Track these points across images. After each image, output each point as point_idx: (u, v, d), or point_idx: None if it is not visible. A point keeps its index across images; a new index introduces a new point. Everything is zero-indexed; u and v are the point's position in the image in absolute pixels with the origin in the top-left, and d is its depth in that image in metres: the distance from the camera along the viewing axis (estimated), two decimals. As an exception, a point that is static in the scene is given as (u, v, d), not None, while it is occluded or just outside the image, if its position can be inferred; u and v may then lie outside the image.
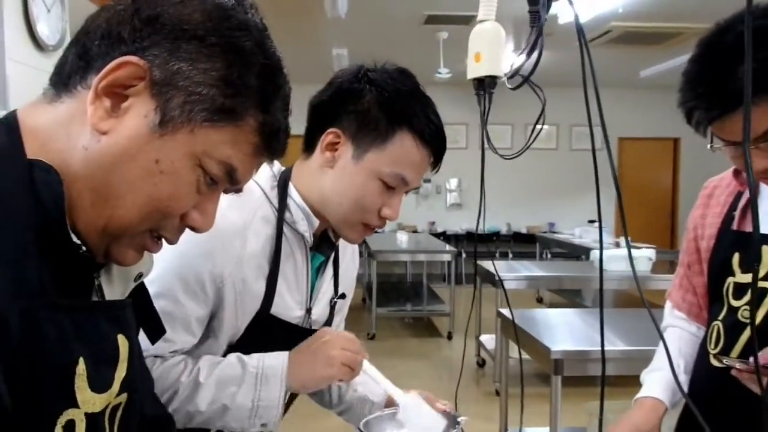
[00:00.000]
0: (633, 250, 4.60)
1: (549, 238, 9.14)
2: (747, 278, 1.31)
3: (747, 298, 1.31)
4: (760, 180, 1.26)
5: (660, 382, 1.45)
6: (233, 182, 0.76)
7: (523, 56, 1.10)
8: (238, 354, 1.20)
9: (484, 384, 5.57)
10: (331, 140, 1.20)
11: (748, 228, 1.33)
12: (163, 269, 1.13)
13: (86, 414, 0.69)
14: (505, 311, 3.76)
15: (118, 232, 0.70)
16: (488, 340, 5.63)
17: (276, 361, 1.19)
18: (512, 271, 5.61)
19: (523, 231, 10.66)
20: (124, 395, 0.78)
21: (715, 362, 1.34)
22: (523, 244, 10.27)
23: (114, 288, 0.80)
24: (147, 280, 1.04)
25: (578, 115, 9.97)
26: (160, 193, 0.69)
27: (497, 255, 10.05)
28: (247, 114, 0.73)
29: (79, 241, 0.69)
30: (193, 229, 0.76)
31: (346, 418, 1.52)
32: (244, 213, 1.20)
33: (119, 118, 0.68)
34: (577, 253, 7.91)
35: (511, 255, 10.07)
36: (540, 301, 8.72)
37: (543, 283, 6.39)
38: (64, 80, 0.70)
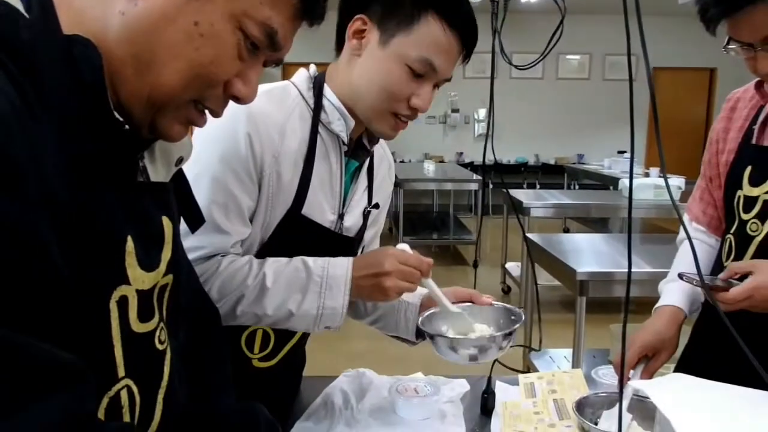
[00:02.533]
0: (660, 179, 4.57)
1: (577, 169, 9.07)
2: (755, 192, 1.32)
3: (755, 211, 1.31)
4: None
5: (678, 291, 1.47)
6: (274, 46, 0.75)
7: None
8: (303, 258, 1.22)
9: (509, 310, 5.64)
10: (358, 27, 1.19)
11: (767, 142, 1.33)
12: (210, 160, 1.16)
13: (137, 291, 0.72)
14: (532, 235, 3.78)
15: (163, 101, 0.70)
16: (514, 267, 5.68)
17: (340, 270, 1.20)
18: (539, 200, 5.61)
19: (552, 162, 10.57)
20: (170, 276, 0.81)
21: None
22: (551, 175, 10.20)
23: (158, 171, 0.81)
24: (193, 173, 1.07)
25: (611, 44, 9.73)
26: (201, 57, 0.69)
27: (525, 186, 10.00)
28: None
29: (122, 119, 0.69)
30: (236, 99, 0.75)
31: (380, 326, 1.53)
32: (282, 109, 1.22)
33: None
34: (605, 183, 7.86)
35: (538, 186, 10.02)
36: (566, 231, 8.72)
37: (570, 212, 6.36)
38: None
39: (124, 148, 0.72)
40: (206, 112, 0.76)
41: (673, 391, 1.00)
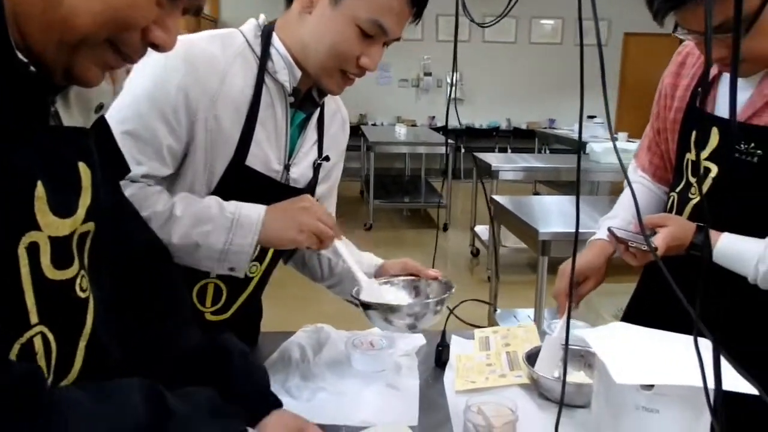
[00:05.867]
0: (628, 144, 4.61)
1: (548, 133, 9.11)
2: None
3: (697, 176, 1.36)
4: (719, 67, 1.30)
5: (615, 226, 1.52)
6: None
7: None
8: (218, 198, 1.22)
9: (477, 272, 5.70)
10: None
11: (709, 108, 1.37)
12: (136, 95, 1.16)
13: (50, 237, 0.71)
14: (499, 198, 3.82)
15: (76, 39, 0.67)
16: (482, 230, 5.73)
17: (253, 211, 1.20)
18: (510, 163, 5.64)
19: (523, 127, 10.60)
20: (91, 224, 0.79)
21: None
22: (523, 139, 10.23)
23: (73, 116, 0.79)
24: (116, 105, 1.05)
25: (584, 9, 9.71)
26: (117, 1, 0.67)
27: (496, 150, 10.04)
28: None
29: (26, 60, 0.67)
30: (155, 47, 0.74)
31: (337, 291, 1.55)
32: (225, 53, 1.21)
33: None
34: (576, 148, 7.92)
35: (509, 150, 10.06)
36: (537, 194, 8.79)
37: (540, 175, 6.43)
38: None
39: (31, 92, 0.69)
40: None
41: (611, 338, 1.03)
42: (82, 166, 0.77)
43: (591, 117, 8.34)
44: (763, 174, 1.23)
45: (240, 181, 1.25)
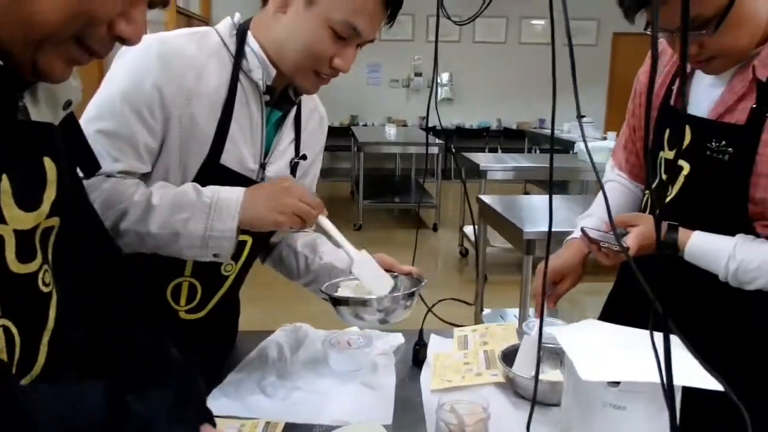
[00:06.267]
0: (612, 142, 4.61)
1: (538, 133, 9.11)
2: (670, 155, 1.37)
3: (670, 174, 1.37)
4: (691, 64, 1.29)
5: (590, 225, 1.52)
6: None
7: None
8: (195, 184, 1.21)
9: (466, 272, 5.72)
10: None
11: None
12: (111, 91, 1.16)
13: (15, 231, 0.71)
14: (485, 197, 3.82)
15: (41, 35, 0.68)
16: (471, 231, 5.74)
17: (231, 194, 1.19)
18: (500, 162, 5.65)
19: (513, 127, 10.62)
20: (56, 219, 0.79)
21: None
22: (513, 140, 10.25)
23: (41, 112, 0.79)
24: (94, 103, 1.04)
25: (573, 10, 9.74)
26: None
27: (487, 150, 10.05)
28: None
29: None
30: (122, 40, 0.74)
31: (312, 289, 1.52)
32: (201, 51, 1.22)
33: None
34: (566, 147, 7.92)
35: (500, 150, 10.07)
36: (527, 194, 8.81)
37: (529, 174, 6.42)
38: None
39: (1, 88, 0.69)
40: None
41: (581, 336, 1.03)
42: (48, 161, 0.77)
43: (580, 117, 8.37)
44: (734, 171, 1.23)
45: (215, 180, 1.24)
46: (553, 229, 2.95)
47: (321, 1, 1.16)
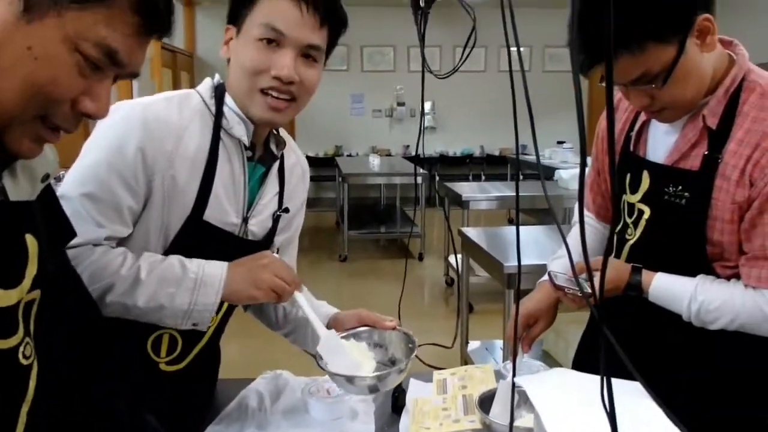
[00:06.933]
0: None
1: (520, 160, 9.20)
2: (632, 199, 1.41)
3: (633, 217, 1.41)
4: (646, 114, 1.37)
5: (560, 268, 1.55)
6: (118, 65, 0.75)
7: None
8: (180, 257, 1.24)
9: (452, 302, 5.71)
10: (228, 37, 1.28)
11: (641, 152, 1.42)
12: (96, 158, 1.19)
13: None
14: (467, 230, 3.85)
15: (3, 118, 0.69)
16: (455, 260, 5.75)
17: (215, 270, 1.23)
18: (483, 192, 5.69)
19: (496, 153, 10.71)
20: (37, 291, 0.81)
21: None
22: (496, 166, 10.33)
23: (21, 188, 0.81)
24: (77, 167, 1.04)
25: (551, 37, 9.90)
26: (37, 78, 0.69)
27: (470, 177, 10.12)
28: None
29: None
30: (87, 116, 0.75)
31: (292, 339, 1.56)
32: (182, 114, 1.25)
33: None
34: (547, 173, 8.00)
35: (483, 177, 10.15)
36: (511, 221, 8.85)
37: (512, 203, 6.46)
38: None
39: None
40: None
41: (547, 385, 1.05)
42: (29, 238, 0.78)
43: (560, 142, 8.47)
44: (691, 216, 1.27)
45: (197, 236, 1.27)
46: (534, 262, 3.00)
47: (246, 25, 1.23)
